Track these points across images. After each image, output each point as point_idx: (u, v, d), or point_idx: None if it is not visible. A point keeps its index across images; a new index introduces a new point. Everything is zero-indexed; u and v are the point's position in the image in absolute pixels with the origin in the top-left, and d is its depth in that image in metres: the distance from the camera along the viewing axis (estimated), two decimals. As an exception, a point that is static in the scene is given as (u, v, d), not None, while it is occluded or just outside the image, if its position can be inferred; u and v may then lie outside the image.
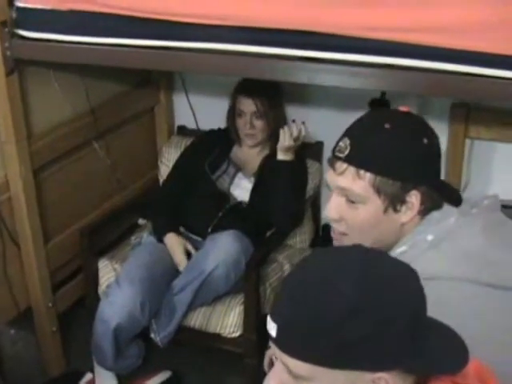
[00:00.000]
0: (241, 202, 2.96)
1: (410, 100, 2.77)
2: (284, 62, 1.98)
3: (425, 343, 1.08)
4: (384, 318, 1.04)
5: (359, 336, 1.04)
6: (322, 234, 3.33)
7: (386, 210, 1.51)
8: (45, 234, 2.80)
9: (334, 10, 1.83)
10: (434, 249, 1.48)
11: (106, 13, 2.15)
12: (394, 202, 1.51)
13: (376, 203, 1.51)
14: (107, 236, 3.13)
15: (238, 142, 3.06)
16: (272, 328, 1.10)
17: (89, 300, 3.01)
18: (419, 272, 1.16)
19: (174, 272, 2.81)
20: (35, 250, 2.74)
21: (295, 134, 2.75)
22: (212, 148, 3.04)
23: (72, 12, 2.21)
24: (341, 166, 1.52)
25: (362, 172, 1.49)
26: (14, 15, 2.34)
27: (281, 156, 2.83)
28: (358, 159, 1.50)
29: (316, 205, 3.31)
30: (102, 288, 2.94)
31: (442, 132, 2.73)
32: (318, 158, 3.20)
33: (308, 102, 3.21)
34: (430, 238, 1.50)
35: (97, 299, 2.90)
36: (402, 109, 1.59)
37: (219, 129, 3.17)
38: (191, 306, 2.71)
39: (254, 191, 2.94)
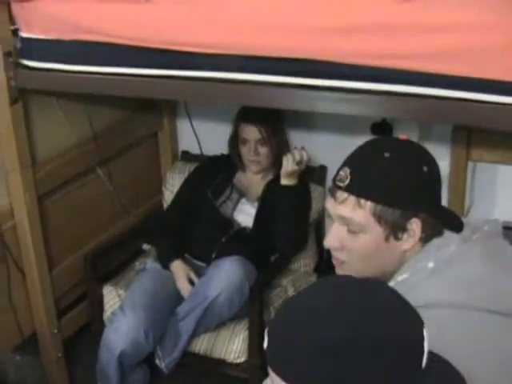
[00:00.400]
0: (244, 228, 2.96)
1: (411, 124, 2.78)
2: (285, 89, 2.00)
3: None
4: (371, 356, 1.04)
5: (345, 372, 1.04)
6: (327, 258, 3.33)
7: (387, 238, 1.52)
8: (49, 260, 2.81)
9: (334, 38, 1.84)
10: (435, 276, 1.48)
11: (108, 42, 2.17)
12: (395, 230, 1.51)
13: (377, 231, 1.51)
14: (111, 262, 3.15)
15: (242, 168, 3.07)
16: (265, 344, 1.11)
17: (94, 326, 3.01)
18: (419, 299, 1.17)
19: (178, 298, 2.81)
20: (40, 276, 2.74)
21: (297, 158, 2.76)
22: (215, 174, 3.05)
23: (75, 42, 2.23)
24: (341, 195, 1.53)
25: (362, 201, 1.49)
26: (19, 45, 2.37)
27: (284, 181, 2.84)
28: (359, 188, 1.50)
29: (320, 229, 3.31)
30: (106, 314, 2.95)
31: (444, 155, 2.74)
32: (321, 182, 3.22)
33: (311, 127, 3.23)
34: (430, 265, 1.50)
35: (102, 325, 2.90)
36: (402, 137, 1.60)
37: (222, 155, 3.18)
38: (195, 332, 2.71)
39: (258, 216, 2.95)
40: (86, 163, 2.97)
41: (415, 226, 1.51)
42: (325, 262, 3.30)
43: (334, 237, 1.58)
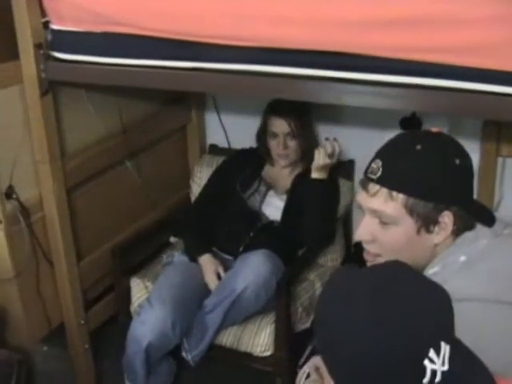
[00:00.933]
0: (272, 221, 2.96)
1: (441, 118, 2.76)
2: (315, 82, 1.99)
3: None
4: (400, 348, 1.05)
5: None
6: (354, 252, 3.32)
7: (418, 231, 1.52)
8: (77, 252, 2.84)
9: (364, 31, 1.83)
10: (466, 270, 1.48)
11: (138, 35, 2.17)
12: (427, 222, 1.51)
13: (409, 224, 1.51)
14: (139, 254, 3.16)
15: (270, 162, 3.07)
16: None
17: (120, 318, 3.03)
18: (450, 293, 1.16)
19: (205, 291, 2.82)
20: (68, 267, 2.76)
21: (329, 150, 2.75)
22: (243, 167, 3.06)
23: (105, 34, 2.24)
24: (373, 187, 1.52)
25: (394, 193, 1.50)
26: (49, 38, 2.38)
27: (315, 174, 2.82)
28: (391, 181, 1.51)
29: (347, 223, 3.30)
30: (133, 306, 2.96)
31: (474, 150, 2.70)
32: (349, 176, 3.20)
33: (339, 121, 3.21)
34: (462, 258, 1.49)
35: (129, 317, 2.92)
36: (434, 130, 1.59)
37: (250, 148, 3.18)
38: (222, 326, 2.71)
39: (286, 210, 2.95)
40: (115, 156, 2.99)
41: (447, 218, 1.50)
42: (352, 257, 3.28)
43: (365, 229, 1.58)
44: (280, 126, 2.92)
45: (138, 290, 2.97)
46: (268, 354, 2.69)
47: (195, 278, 2.84)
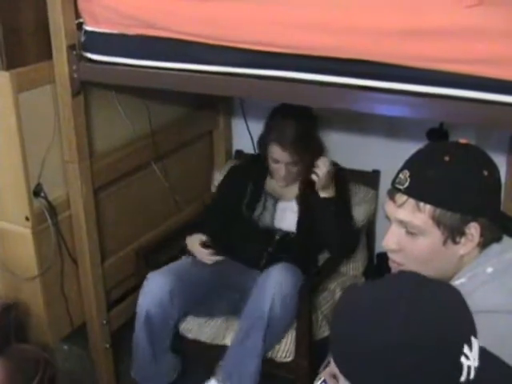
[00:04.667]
0: (288, 233, 2.94)
1: (468, 131, 2.75)
2: (345, 90, 1.98)
3: None
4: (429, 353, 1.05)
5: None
6: (376, 263, 3.31)
7: (445, 242, 1.51)
8: (102, 252, 2.86)
9: (394, 40, 1.84)
10: (493, 282, 1.47)
11: (171, 38, 2.19)
12: (454, 233, 1.50)
13: (435, 235, 1.51)
14: (163, 256, 3.17)
15: (271, 174, 2.99)
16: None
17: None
18: (477, 304, 1.16)
19: (212, 283, 2.86)
20: (92, 268, 2.79)
21: (322, 173, 2.70)
22: (245, 185, 3.01)
23: (139, 37, 2.26)
24: (400, 197, 1.52)
25: (421, 204, 1.49)
26: (83, 39, 2.41)
27: (322, 194, 2.78)
28: (418, 191, 1.50)
29: (371, 232, 3.29)
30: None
31: (501, 163, 2.68)
32: (374, 186, 3.19)
33: (365, 131, 3.21)
34: (489, 270, 1.49)
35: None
36: (462, 141, 1.59)
37: (248, 160, 3.11)
38: (264, 350, 2.65)
39: (300, 223, 2.92)
40: (142, 158, 3.01)
41: (474, 230, 1.50)
42: (375, 267, 3.28)
43: (392, 239, 1.58)
44: (282, 156, 2.82)
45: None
46: (289, 359, 2.69)
47: (205, 276, 2.87)
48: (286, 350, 2.69)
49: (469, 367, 1.06)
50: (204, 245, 2.87)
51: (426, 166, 1.53)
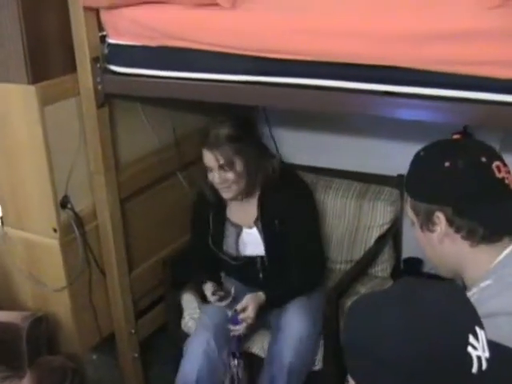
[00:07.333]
0: (259, 257, 2.79)
1: (493, 135, 2.73)
2: (369, 96, 1.99)
3: None
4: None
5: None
6: (403, 268, 3.29)
7: (422, 229, 1.61)
8: (129, 262, 2.88)
9: (415, 45, 1.83)
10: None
11: (193, 49, 2.20)
12: (427, 221, 1.58)
13: (417, 224, 1.62)
14: (190, 266, 3.17)
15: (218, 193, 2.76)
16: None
17: (170, 330, 3.06)
18: (505, 306, 1.15)
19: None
20: (120, 278, 2.81)
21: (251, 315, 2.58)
22: (206, 218, 2.85)
23: (161, 48, 2.28)
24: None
25: (408, 198, 1.64)
26: (106, 51, 2.43)
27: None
28: (405, 186, 1.68)
29: (397, 234, 3.26)
30: (185, 321, 2.97)
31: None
32: (398, 188, 3.16)
33: (389, 135, 3.19)
34: None
35: (178, 329, 2.97)
36: (454, 137, 1.64)
37: (203, 192, 2.83)
38: None
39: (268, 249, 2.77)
40: (167, 168, 3.03)
41: (438, 219, 1.56)
42: (402, 271, 3.27)
43: None
44: (209, 159, 2.60)
45: (191, 306, 2.98)
46: (317, 368, 2.68)
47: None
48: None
49: (479, 358, 1.05)
50: (214, 293, 2.73)
51: (411, 162, 1.65)
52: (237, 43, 2.11)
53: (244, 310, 2.57)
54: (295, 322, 2.61)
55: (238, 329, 2.58)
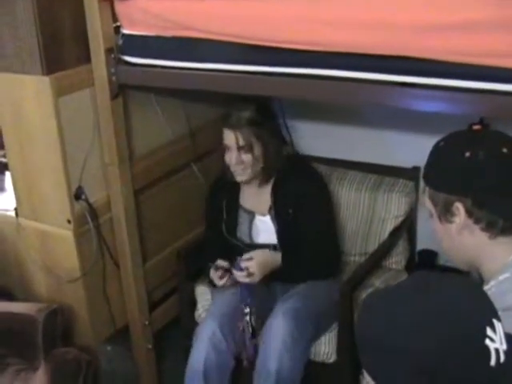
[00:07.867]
0: (274, 245, 2.80)
1: (509, 125, 2.70)
2: (386, 87, 1.97)
3: None
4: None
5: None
6: (418, 261, 3.28)
7: (440, 220, 1.61)
8: (143, 253, 2.88)
9: (433, 35, 1.81)
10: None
11: (207, 39, 2.19)
12: (445, 212, 1.58)
13: (435, 215, 1.62)
14: (203, 257, 3.17)
15: (231, 175, 2.78)
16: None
17: (183, 322, 3.06)
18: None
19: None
20: (134, 269, 2.81)
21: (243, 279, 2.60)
22: (220, 203, 2.87)
23: (175, 38, 2.27)
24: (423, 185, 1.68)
25: (426, 188, 1.64)
26: (120, 42, 2.42)
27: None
28: (424, 177, 1.68)
29: (411, 225, 3.23)
30: (198, 312, 2.97)
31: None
32: (413, 180, 3.15)
33: (403, 127, 3.18)
34: None
35: (192, 321, 2.96)
36: (474, 127, 1.68)
37: (217, 178, 2.93)
38: None
39: (280, 236, 2.79)
40: (182, 159, 3.02)
41: (457, 210, 1.56)
42: (416, 264, 3.25)
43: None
44: (230, 138, 2.64)
45: (204, 298, 2.97)
46: (331, 360, 2.67)
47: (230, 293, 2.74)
48: (327, 351, 2.68)
49: (497, 350, 1.05)
50: (216, 268, 2.72)
51: (430, 153, 1.66)
52: (249, 33, 2.10)
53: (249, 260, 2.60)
54: (280, 327, 2.54)
55: (240, 275, 2.58)
